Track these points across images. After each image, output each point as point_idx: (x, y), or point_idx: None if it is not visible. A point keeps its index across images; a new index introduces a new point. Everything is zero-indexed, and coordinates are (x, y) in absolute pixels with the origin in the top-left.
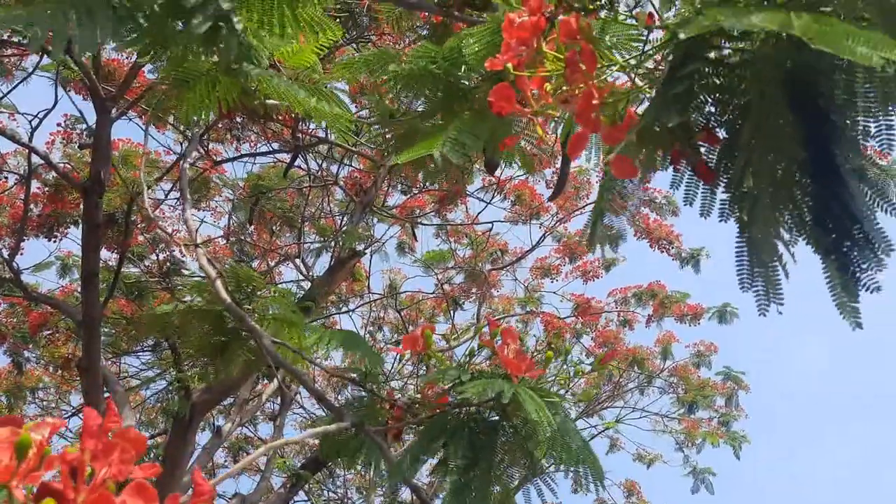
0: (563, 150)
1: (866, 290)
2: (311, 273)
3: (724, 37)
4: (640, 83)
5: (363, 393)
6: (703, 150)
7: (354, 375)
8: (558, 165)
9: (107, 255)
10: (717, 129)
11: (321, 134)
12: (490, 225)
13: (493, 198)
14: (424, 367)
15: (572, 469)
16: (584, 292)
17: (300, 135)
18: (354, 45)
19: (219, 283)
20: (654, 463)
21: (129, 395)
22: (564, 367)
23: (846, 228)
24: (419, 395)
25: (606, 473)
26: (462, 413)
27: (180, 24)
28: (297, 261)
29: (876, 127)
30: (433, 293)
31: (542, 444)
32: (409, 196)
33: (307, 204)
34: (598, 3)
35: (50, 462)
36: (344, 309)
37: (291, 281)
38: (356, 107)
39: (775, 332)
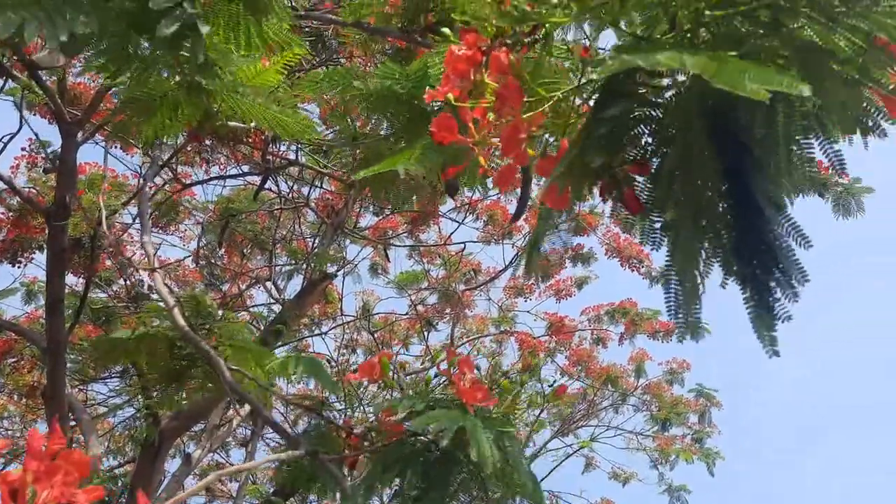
0: (523, 174)
1: (779, 321)
2: (282, 296)
3: (646, 74)
4: (571, 116)
5: (321, 421)
6: (632, 180)
7: (309, 403)
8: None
9: (73, 281)
10: (652, 157)
11: (291, 156)
12: (463, 245)
13: (465, 218)
14: (384, 395)
15: (516, 501)
16: (557, 311)
17: (270, 157)
18: (324, 68)
19: (176, 310)
20: (629, 481)
21: (97, 422)
22: (531, 389)
23: (762, 259)
24: (376, 424)
25: (582, 493)
26: (417, 442)
27: (145, 42)
28: (269, 283)
29: (798, 160)
30: (407, 314)
31: (488, 476)
32: (381, 217)
33: (278, 226)
34: (534, 37)
35: None
36: (317, 331)
37: (263, 304)
38: (326, 130)
39: (747, 347)
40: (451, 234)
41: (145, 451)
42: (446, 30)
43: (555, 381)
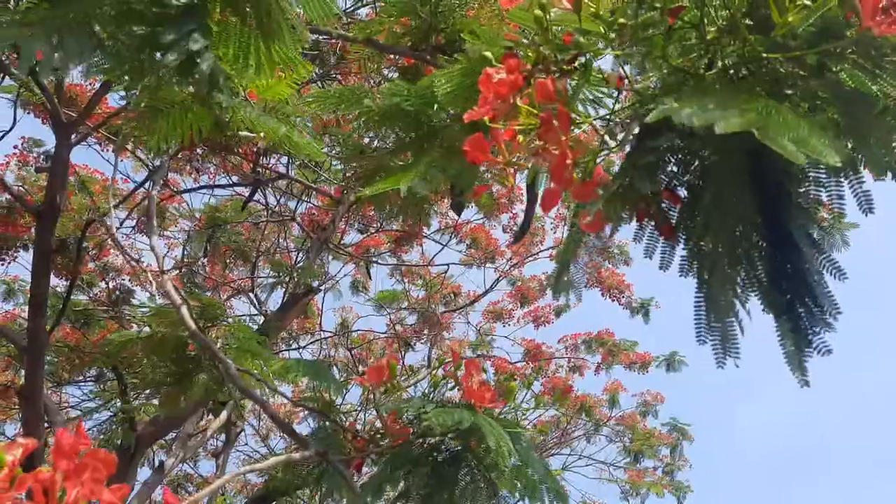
0: (528, 192)
1: (818, 353)
2: (263, 308)
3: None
4: (609, 141)
5: (327, 424)
6: (664, 207)
7: (316, 405)
8: (516, 211)
9: (55, 282)
10: (679, 189)
11: (282, 169)
12: (445, 267)
13: (449, 240)
14: (388, 399)
15: (536, 499)
16: (535, 338)
17: (261, 169)
18: (319, 84)
19: (184, 309)
20: None
21: (70, 425)
22: (525, 398)
23: (798, 291)
24: (382, 427)
25: None
26: (425, 443)
27: (158, 54)
28: (251, 295)
29: (827, 197)
30: (385, 333)
31: (504, 474)
32: (365, 235)
33: (263, 238)
34: (573, 66)
35: (22, 482)
36: (294, 346)
37: (244, 315)
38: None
39: (722, 382)
40: (435, 255)
41: (120, 456)
42: (480, 47)
43: (530, 407)
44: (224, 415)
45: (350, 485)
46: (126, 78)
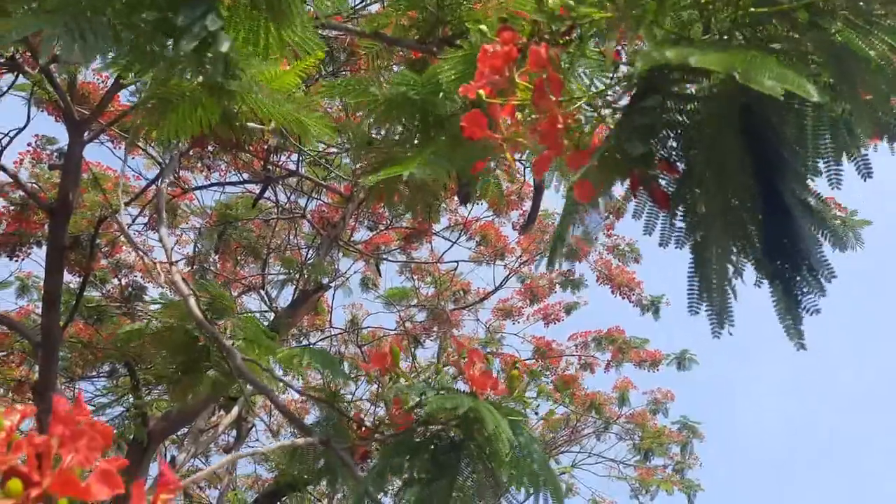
0: (534, 181)
1: (807, 313)
2: (274, 304)
3: (684, 72)
4: (605, 112)
5: (332, 413)
6: (661, 179)
7: (322, 395)
8: (525, 208)
9: (68, 278)
10: (677, 161)
11: (292, 166)
12: (455, 264)
13: (458, 237)
14: (391, 386)
15: (532, 490)
16: (544, 335)
17: (271, 166)
18: (329, 80)
19: (192, 300)
20: None
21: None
22: (531, 387)
23: (791, 256)
24: (387, 415)
25: None
26: (427, 431)
27: (168, 43)
28: (262, 291)
29: (825, 165)
30: (394, 330)
31: (502, 461)
32: (375, 232)
33: (273, 235)
34: (568, 38)
35: (18, 447)
36: (304, 342)
37: (255, 311)
38: (330, 142)
39: (732, 378)
40: (444, 252)
41: (133, 451)
42: (483, 27)
43: (538, 406)
44: (235, 411)
45: (352, 471)
46: (137, 66)
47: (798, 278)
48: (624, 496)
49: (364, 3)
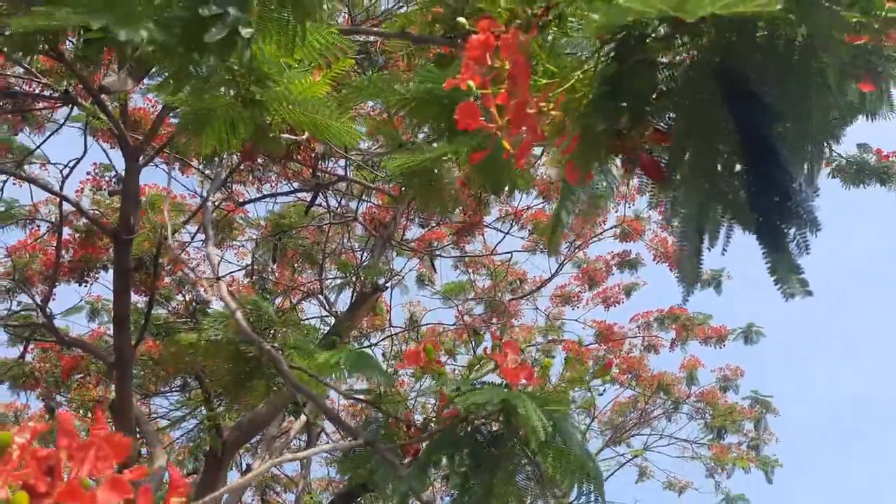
0: None
1: (799, 251)
2: (333, 309)
3: (655, 42)
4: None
5: (380, 414)
6: (647, 148)
7: (368, 397)
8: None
9: (135, 298)
10: (664, 128)
11: (340, 171)
12: (509, 255)
13: (510, 227)
14: (432, 384)
15: (572, 483)
16: (605, 318)
17: (320, 173)
18: (359, 81)
19: (239, 314)
20: (685, 490)
21: (160, 434)
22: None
23: (780, 209)
24: (435, 413)
25: (637, 503)
26: (467, 425)
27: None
28: (320, 297)
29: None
30: (454, 325)
31: (537, 447)
32: (427, 229)
33: (327, 240)
34: (546, 19)
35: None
36: (366, 343)
37: (315, 317)
38: (373, 143)
39: (803, 352)
40: (497, 244)
41: (209, 461)
42: (462, 19)
43: (604, 391)
44: (304, 416)
45: (396, 472)
46: (172, 84)
47: (787, 229)
48: (699, 476)
49: (398, 6)
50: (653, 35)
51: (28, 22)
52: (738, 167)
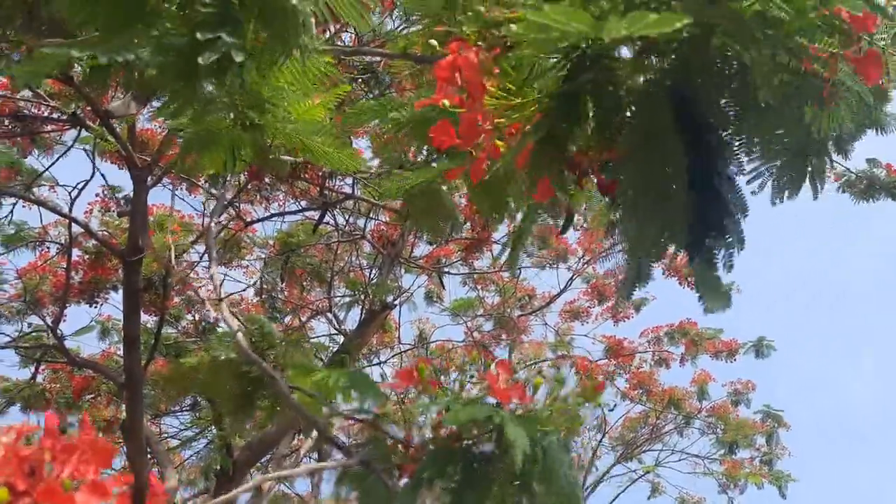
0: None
1: (725, 269)
2: (342, 327)
3: (615, 62)
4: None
5: (377, 434)
6: (604, 164)
7: (367, 416)
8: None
9: (145, 318)
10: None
11: (347, 189)
12: (518, 270)
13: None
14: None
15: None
16: (615, 333)
17: (328, 191)
18: (359, 104)
19: (240, 335)
20: None
21: (171, 454)
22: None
23: (714, 232)
24: (431, 432)
25: None
26: (460, 445)
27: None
28: (329, 315)
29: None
30: (463, 341)
31: (518, 467)
32: (434, 246)
33: (336, 258)
34: (505, 41)
35: (6, 461)
36: (375, 361)
37: (324, 335)
38: (380, 160)
39: (815, 364)
40: (505, 260)
41: (220, 481)
42: (433, 41)
43: (614, 406)
44: (313, 435)
45: (391, 490)
46: (173, 107)
47: (717, 250)
48: (712, 492)
49: (404, 27)
50: (608, 55)
51: (32, 68)
52: (680, 189)
